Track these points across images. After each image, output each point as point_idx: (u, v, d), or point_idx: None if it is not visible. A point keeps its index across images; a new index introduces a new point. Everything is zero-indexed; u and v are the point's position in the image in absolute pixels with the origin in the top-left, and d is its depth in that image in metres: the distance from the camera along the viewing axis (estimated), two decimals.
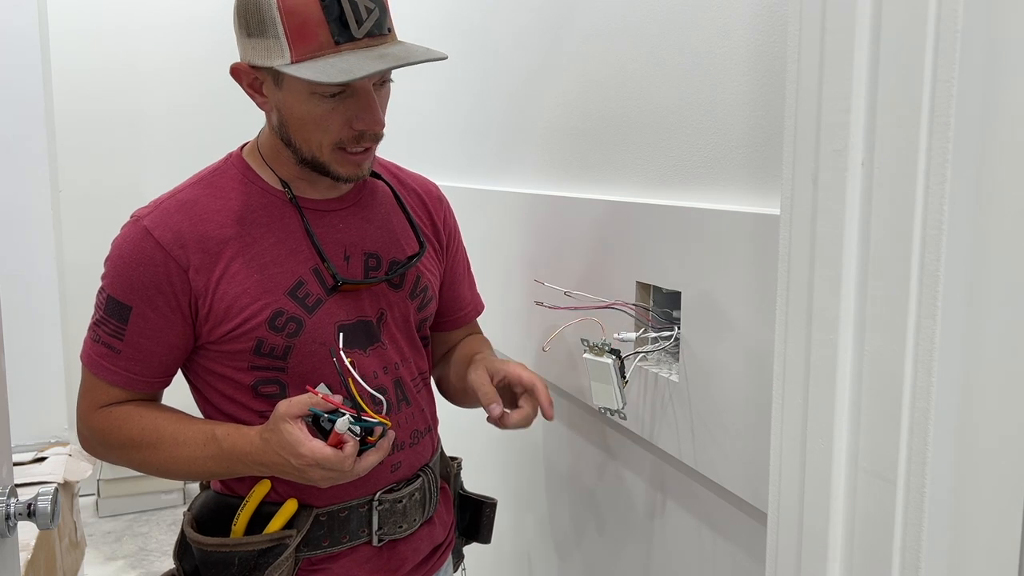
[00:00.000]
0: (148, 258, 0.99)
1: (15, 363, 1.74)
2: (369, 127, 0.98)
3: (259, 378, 1.03)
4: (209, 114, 3.39)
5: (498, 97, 1.69)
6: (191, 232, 1.01)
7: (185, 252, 1.00)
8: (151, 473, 1.05)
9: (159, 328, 1.01)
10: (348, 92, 0.96)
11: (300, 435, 0.92)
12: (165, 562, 2.87)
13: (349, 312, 1.06)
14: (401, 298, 1.11)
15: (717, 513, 1.02)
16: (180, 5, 3.37)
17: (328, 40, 0.91)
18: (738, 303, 0.93)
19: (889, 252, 0.63)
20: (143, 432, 1.02)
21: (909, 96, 0.61)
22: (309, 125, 0.98)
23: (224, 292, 1.00)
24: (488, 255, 1.61)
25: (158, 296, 0.99)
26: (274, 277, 1.02)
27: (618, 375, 1.04)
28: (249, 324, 1.00)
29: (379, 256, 1.09)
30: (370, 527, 1.08)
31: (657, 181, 1.13)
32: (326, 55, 0.92)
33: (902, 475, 0.64)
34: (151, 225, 1.00)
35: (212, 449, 0.99)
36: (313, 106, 0.97)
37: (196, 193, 1.04)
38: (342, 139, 0.99)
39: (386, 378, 1.08)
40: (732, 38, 0.96)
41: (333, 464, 0.91)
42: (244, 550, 1.00)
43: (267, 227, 1.04)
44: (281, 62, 0.93)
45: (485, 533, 1.26)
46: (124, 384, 1.03)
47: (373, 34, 0.94)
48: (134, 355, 1.01)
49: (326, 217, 1.07)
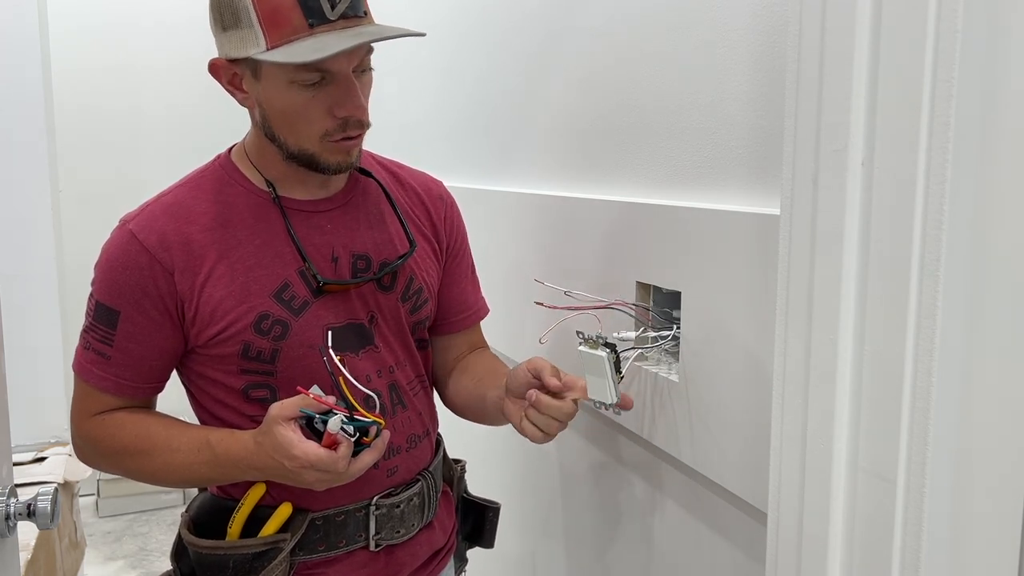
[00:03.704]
0: (133, 262, 0.98)
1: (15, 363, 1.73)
2: (351, 112, 0.96)
3: (249, 382, 1.02)
4: (209, 114, 3.38)
5: (498, 97, 1.69)
6: (176, 235, 1.00)
7: (170, 255, 0.99)
8: (145, 481, 1.05)
9: (148, 333, 1.00)
10: (327, 80, 0.94)
11: (293, 437, 0.91)
12: (165, 562, 2.86)
13: (338, 314, 1.04)
14: (392, 300, 1.09)
15: (717, 513, 1.02)
16: (180, 5, 3.37)
17: (302, 23, 0.90)
18: (738, 303, 0.93)
19: (889, 252, 0.63)
20: (136, 439, 1.01)
21: (909, 96, 0.61)
22: (291, 117, 0.97)
23: (209, 295, 0.99)
24: (488, 255, 1.61)
25: (145, 300, 0.99)
26: (259, 280, 1.01)
27: (612, 369, 1.03)
28: (235, 328, 0.99)
29: (368, 257, 1.07)
30: (367, 532, 1.06)
31: (657, 181, 1.13)
32: (300, 38, 0.90)
33: (902, 475, 0.64)
34: (136, 228, 1.00)
35: (206, 455, 0.98)
36: (293, 96, 0.95)
37: (181, 195, 1.03)
38: (327, 129, 0.97)
39: (380, 381, 1.07)
40: (732, 38, 0.96)
41: (327, 465, 0.90)
42: (238, 553, 1.00)
43: (252, 229, 1.02)
44: (256, 50, 0.92)
45: (488, 538, 1.24)
46: (115, 391, 1.02)
47: (348, 16, 0.92)
48: (124, 360, 1.01)
49: (313, 218, 1.05)
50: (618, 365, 1.05)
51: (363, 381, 1.03)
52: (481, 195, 1.68)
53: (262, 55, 0.92)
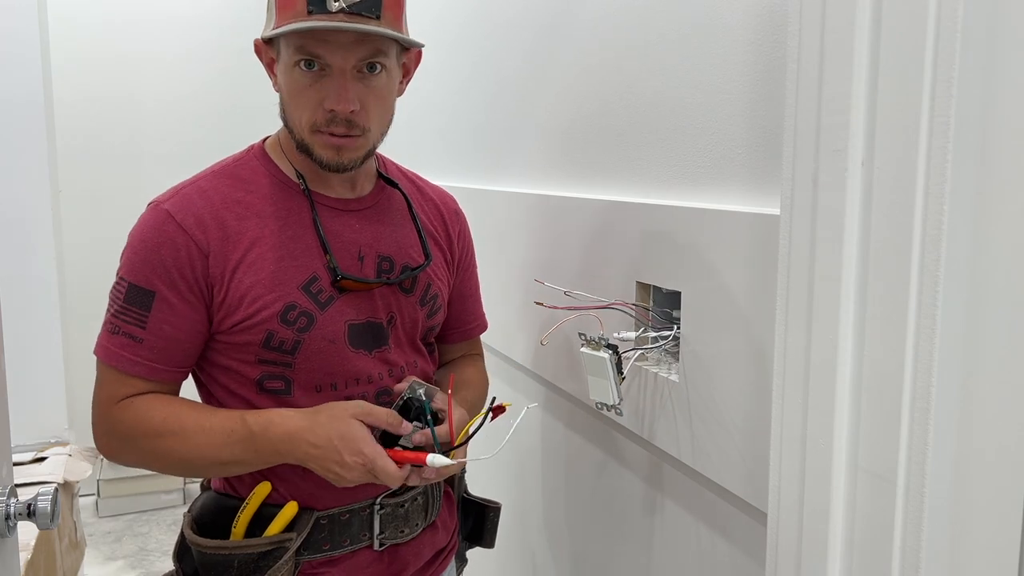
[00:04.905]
0: (170, 240, 0.99)
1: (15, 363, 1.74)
2: (336, 106, 0.97)
3: (265, 372, 1.02)
4: (210, 114, 3.39)
5: (498, 97, 1.69)
6: (212, 218, 1.01)
7: (206, 236, 1.00)
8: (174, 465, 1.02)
9: (182, 313, 1.00)
10: (327, 73, 0.98)
11: (367, 435, 0.94)
12: (165, 562, 2.87)
13: (360, 312, 1.06)
14: (412, 303, 1.11)
15: (717, 513, 1.02)
16: (180, 5, 3.37)
17: (303, 9, 0.95)
18: (738, 303, 0.93)
19: (889, 252, 0.63)
20: (166, 420, 0.99)
21: (909, 96, 0.61)
22: (292, 100, 1.01)
23: (239, 281, 1.00)
24: (488, 255, 1.61)
25: (180, 280, 0.99)
26: (288, 270, 1.02)
27: (614, 370, 1.04)
28: (261, 315, 1.00)
29: (392, 260, 1.10)
30: (371, 531, 1.07)
31: (657, 181, 1.13)
32: (296, 21, 0.95)
33: (902, 475, 0.64)
34: (173, 209, 1.00)
35: (240, 433, 0.97)
36: (295, 79, 0.99)
37: (216, 182, 1.05)
38: (316, 120, 0.99)
39: (391, 380, 1.08)
40: (732, 38, 0.96)
41: (386, 478, 0.94)
42: (243, 553, 1.00)
43: (285, 220, 1.04)
44: (268, 30, 0.99)
45: (489, 538, 1.25)
46: (147, 374, 1.00)
47: (351, 12, 0.95)
48: (157, 343, 1.00)
49: (343, 216, 1.07)
50: (620, 366, 1.05)
51: (376, 379, 1.06)
52: (481, 195, 1.68)
53: (268, 33, 0.99)
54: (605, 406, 1.09)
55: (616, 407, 1.08)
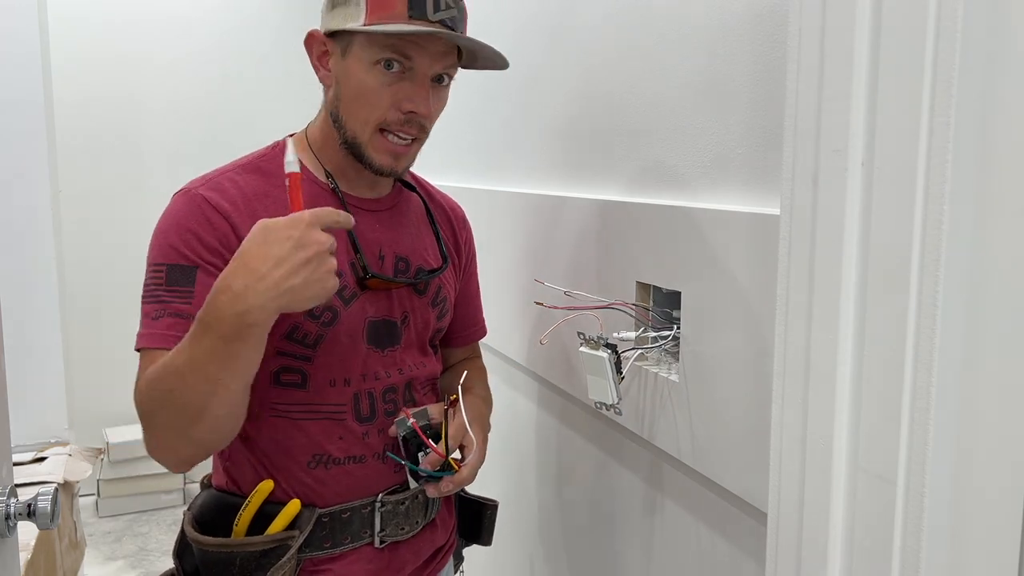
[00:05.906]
0: (207, 219, 0.98)
1: (15, 363, 1.73)
2: (417, 108, 1.00)
3: (283, 365, 1.03)
4: (210, 114, 3.39)
5: (498, 97, 1.69)
6: (244, 206, 1.01)
7: (240, 218, 0.99)
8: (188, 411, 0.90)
9: None
10: (407, 75, 0.99)
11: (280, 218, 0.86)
12: (165, 562, 2.87)
13: (378, 310, 1.07)
14: (424, 304, 1.13)
15: (717, 513, 1.02)
16: (180, 5, 3.37)
17: (403, 12, 0.96)
18: (738, 303, 0.93)
19: (889, 252, 0.63)
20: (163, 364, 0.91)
21: (909, 96, 0.61)
22: (361, 98, 1.00)
23: None
24: (488, 255, 1.61)
25: (218, 259, 0.97)
26: None
27: (613, 369, 1.04)
28: None
29: (408, 261, 1.12)
30: (372, 528, 1.08)
31: (657, 181, 1.13)
32: (397, 23, 0.96)
33: (902, 475, 0.64)
34: (206, 192, 1.00)
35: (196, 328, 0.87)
36: (372, 77, 0.99)
37: (245, 176, 1.05)
38: (387, 119, 1.00)
39: (400, 378, 1.10)
40: (732, 38, 0.96)
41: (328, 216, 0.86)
42: (246, 551, 1.00)
43: None
44: (355, 25, 0.98)
45: (486, 536, 1.26)
46: None
47: (447, 24, 0.98)
48: None
49: (364, 216, 1.08)
50: (619, 366, 1.06)
51: (383, 377, 1.08)
52: (481, 195, 1.68)
53: (358, 27, 0.97)
54: (604, 406, 1.09)
55: (615, 407, 1.08)
